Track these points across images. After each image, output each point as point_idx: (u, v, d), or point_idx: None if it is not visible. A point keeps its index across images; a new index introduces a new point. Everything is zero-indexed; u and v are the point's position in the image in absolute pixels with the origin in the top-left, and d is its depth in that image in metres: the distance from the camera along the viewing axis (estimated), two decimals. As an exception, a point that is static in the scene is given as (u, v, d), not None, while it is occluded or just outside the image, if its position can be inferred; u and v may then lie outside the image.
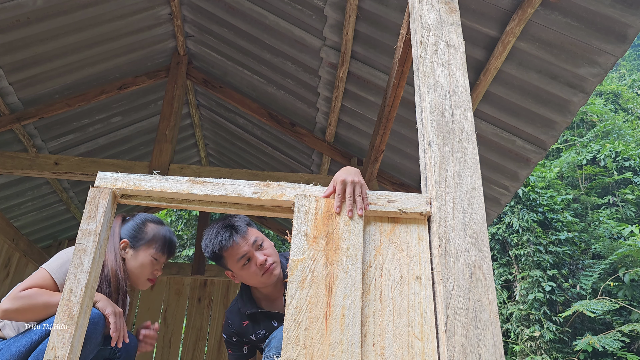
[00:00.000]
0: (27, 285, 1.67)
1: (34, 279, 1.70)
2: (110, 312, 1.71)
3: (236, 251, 1.88)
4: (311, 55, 3.93)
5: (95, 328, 1.65)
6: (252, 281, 1.92)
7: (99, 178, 1.47)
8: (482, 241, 1.36)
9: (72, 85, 4.36)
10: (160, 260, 1.99)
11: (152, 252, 1.94)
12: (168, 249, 2.00)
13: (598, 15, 2.62)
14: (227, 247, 1.88)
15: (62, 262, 1.76)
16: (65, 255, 1.79)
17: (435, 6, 1.77)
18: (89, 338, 1.63)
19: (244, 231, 1.91)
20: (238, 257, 1.88)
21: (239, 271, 1.91)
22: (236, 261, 1.88)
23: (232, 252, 1.88)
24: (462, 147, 1.51)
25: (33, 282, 1.68)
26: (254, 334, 2.02)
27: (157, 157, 4.16)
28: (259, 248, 1.93)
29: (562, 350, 8.21)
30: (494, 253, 9.62)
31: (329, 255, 1.38)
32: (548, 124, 3.25)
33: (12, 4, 3.40)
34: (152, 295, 5.58)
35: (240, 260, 1.88)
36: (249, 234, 1.92)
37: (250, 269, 1.88)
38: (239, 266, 1.89)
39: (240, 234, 1.90)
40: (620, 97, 14.66)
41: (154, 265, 1.96)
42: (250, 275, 1.89)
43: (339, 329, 1.26)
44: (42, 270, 1.73)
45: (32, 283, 1.68)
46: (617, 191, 10.83)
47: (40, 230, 5.83)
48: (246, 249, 1.89)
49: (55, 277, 1.72)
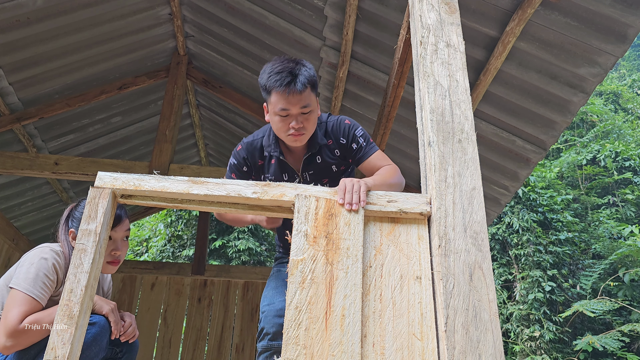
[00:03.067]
0: (19, 316, 1.61)
1: (21, 307, 1.62)
2: (108, 311, 1.72)
3: (283, 100, 1.72)
4: (311, 55, 3.93)
5: (102, 332, 1.67)
6: (276, 130, 1.81)
7: (99, 178, 1.47)
8: (482, 241, 1.36)
9: (72, 85, 4.36)
10: (115, 237, 1.84)
11: None
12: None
13: (598, 15, 2.62)
14: (278, 90, 1.72)
15: (34, 275, 1.68)
16: (34, 268, 1.70)
17: (435, 6, 1.77)
18: (95, 341, 1.64)
19: (301, 88, 1.72)
20: (281, 106, 1.74)
21: (273, 115, 1.78)
22: (277, 108, 1.74)
23: (279, 97, 1.73)
24: (462, 147, 1.51)
25: (22, 310, 1.62)
26: (264, 175, 1.95)
27: (157, 157, 4.16)
28: (304, 113, 1.78)
29: (562, 350, 8.21)
30: (494, 253, 9.62)
31: (329, 256, 1.38)
32: (548, 124, 3.25)
33: (12, 4, 3.40)
34: (152, 296, 5.58)
35: (281, 111, 1.74)
36: (304, 95, 1.74)
37: (283, 122, 1.76)
38: (276, 112, 1.76)
39: (298, 89, 1.71)
40: (620, 97, 14.66)
41: (108, 246, 1.81)
42: (279, 126, 1.78)
43: (339, 329, 1.26)
44: (19, 294, 1.65)
45: (22, 311, 1.61)
46: (617, 191, 10.83)
47: (40, 230, 5.83)
48: (292, 108, 1.74)
49: (36, 295, 1.66)
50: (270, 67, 1.76)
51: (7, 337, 1.59)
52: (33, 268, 1.70)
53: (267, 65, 1.78)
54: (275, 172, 1.92)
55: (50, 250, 1.75)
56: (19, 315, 1.61)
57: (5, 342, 1.59)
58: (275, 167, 1.92)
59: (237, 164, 1.95)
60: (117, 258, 1.86)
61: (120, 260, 1.88)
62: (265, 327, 1.88)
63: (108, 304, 1.75)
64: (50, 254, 1.73)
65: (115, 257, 1.85)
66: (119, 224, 1.86)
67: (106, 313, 1.72)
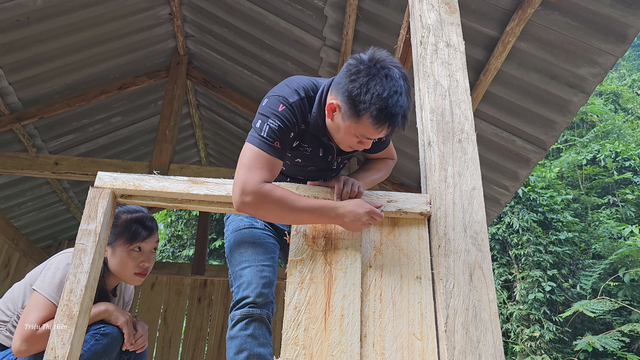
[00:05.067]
0: (38, 321, 1.59)
1: (41, 312, 1.61)
2: (123, 323, 1.71)
3: (375, 132, 1.44)
4: (311, 55, 3.93)
5: (113, 343, 1.67)
6: (338, 137, 1.54)
7: (99, 178, 1.47)
8: (482, 241, 1.36)
9: (72, 85, 4.36)
10: (144, 248, 1.81)
11: (127, 244, 1.78)
12: (140, 232, 1.79)
13: (598, 15, 2.61)
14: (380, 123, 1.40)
15: (59, 281, 1.66)
16: (60, 274, 1.68)
17: (435, 6, 1.77)
18: (105, 352, 1.64)
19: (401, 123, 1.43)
20: (366, 135, 1.46)
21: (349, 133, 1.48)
22: (360, 132, 1.46)
23: (373, 128, 1.42)
24: (462, 147, 1.51)
25: (41, 316, 1.61)
26: (301, 143, 1.66)
27: (157, 157, 4.16)
28: (377, 140, 1.61)
29: (562, 350, 8.20)
30: (494, 253, 9.61)
31: (328, 256, 1.38)
32: (548, 124, 3.25)
33: (12, 4, 3.40)
34: (152, 296, 5.58)
35: (361, 136, 1.48)
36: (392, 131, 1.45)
37: (354, 142, 1.52)
38: (355, 133, 1.47)
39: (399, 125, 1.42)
40: (620, 97, 14.66)
41: (137, 257, 1.79)
42: (346, 140, 1.52)
43: (338, 329, 1.26)
44: (41, 298, 1.64)
45: (41, 316, 1.61)
46: (617, 191, 10.83)
47: (40, 230, 5.83)
48: (375, 137, 1.48)
49: (57, 302, 1.63)
50: (381, 89, 1.38)
51: (22, 340, 1.58)
52: (59, 273, 1.68)
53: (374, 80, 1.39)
54: (312, 145, 1.67)
55: None
56: (37, 320, 1.60)
57: (20, 346, 1.58)
58: (313, 140, 1.66)
59: (288, 127, 1.50)
60: (145, 270, 1.83)
61: (147, 272, 1.85)
62: (249, 295, 1.56)
63: (124, 315, 1.73)
64: None
65: (143, 269, 1.82)
66: (150, 236, 1.83)
67: (121, 324, 1.71)
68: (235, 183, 1.41)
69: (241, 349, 1.51)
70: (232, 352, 1.52)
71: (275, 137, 1.47)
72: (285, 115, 1.50)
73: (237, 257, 1.68)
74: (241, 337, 1.52)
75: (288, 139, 1.52)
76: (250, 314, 1.53)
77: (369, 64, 1.44)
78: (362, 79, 1.40)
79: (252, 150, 1.46)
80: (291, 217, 1.41)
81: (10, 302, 1.76)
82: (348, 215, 1.39)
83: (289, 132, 1.52)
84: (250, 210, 1.41)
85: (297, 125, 1.56)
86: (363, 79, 1.40)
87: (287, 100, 1.53)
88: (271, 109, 1.51)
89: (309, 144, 1.66)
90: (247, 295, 1.56)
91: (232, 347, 1.53)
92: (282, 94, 1.54)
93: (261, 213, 1.41)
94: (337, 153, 1.74)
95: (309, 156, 1.69)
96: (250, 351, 1.49)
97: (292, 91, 1.56)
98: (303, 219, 1.42)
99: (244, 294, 1.57)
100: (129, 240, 1.78)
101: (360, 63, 1.45)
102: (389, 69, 1.43)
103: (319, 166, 1.73)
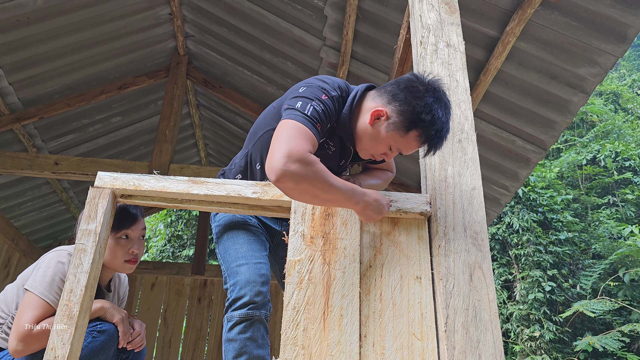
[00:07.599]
0: (33, 320, 1.59)
1: (35, 311, 1.61)
2: (118, 320, 1.71)
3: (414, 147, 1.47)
4: (311, 55, 3.93)
5: (110, 341, 1.66)
6: (367, 140, 1.53)
7: (99, 178, 1.47)
8: (482, 241, 1.36)
9: (72, 85, 4.37)
10: (132, 235, 1.83)
11: (113, 233, 1.79)
12: (123, 220, 1.80)
13: (598, 15, 2.62)
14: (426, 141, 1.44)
15: (50, 279, 1.67)
16: (51, 272, 1.68)
17: (435, 6, 1.77)
18: (102, 350, 1.64)
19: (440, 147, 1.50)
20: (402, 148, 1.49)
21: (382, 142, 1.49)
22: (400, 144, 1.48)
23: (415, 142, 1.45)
24: (462, 147, 1.51)
25: (36, 315, 1.61)
26: (327, 140, 1.65)
27: (157, 157, 4.16)
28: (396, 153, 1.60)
29: (562, 350, 8.20)
30: (494, 253, 9.61)
31: (327, 256, 1.38)
32: (548, 124, 3.25)
33: (12, 4, 3.40)
34: (152, 295, 5.58)
35: (395, 149, 1.50)
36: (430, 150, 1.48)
37: (384, 151, 1.52)
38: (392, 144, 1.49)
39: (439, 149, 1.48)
40: (620, 97, 14.65)
41: (125, 244, 1.81)
42: (376, 148, 1.53)
43: (337, 329, 1.26)
44: (34, 297, 1.64)
45: (36, 315, 1.60)
46: (617, 191, 10.82)
47: (40, 230, 5.83)
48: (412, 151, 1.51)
49: (50, 300, 1.65)
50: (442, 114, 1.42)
51: (18, 340, 1.58)
52: (50, 271, 1.69)
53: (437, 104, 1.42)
54: (336, 144, 1.66)
55: (68, 254, 1.73)
56: (32, 319, 1.60)
57: (17, 346, 1.58)
58: (337, 140, 1.65)
59: (328, 116, 1.47)
60: (134, 256, 1.85)
61: (138, 259, 1.87)
62: (248, 294, 1.53)
63: (119, 313, 1.74)
64: (67, 258, 1.72)
65: (133, 256, 1.84)
66: (135, 223, 1.85)
67: (116, 322, 1.71)
68: (277, 151, 1.24)
69: (241, 352, 1.50)
70: (230, 355, 1.51)
71: (318, 118, 1.40)
72: (328, 105, 1.46)
73: (232, 253, 1.65)
74: (240, 340, 1.50)
75: (326, 127, 1.47)
76: (249, 316, 1.51)
77: (430, 87, 1.45)
78: (428, 99, 1.41)
79: (295, 124, 1.34)
80: (326, 194, 1.31)
81: (4, 304, 1.75)
82: (373, 204, 1.37)
83: (328, 121, 1.46)
84: (291, 182, 1.24)
85: (333, 119, 1.52)
86: (429, 99, 1.41)
87: (329, 93, 1.49)
88: (315, 95, 1.46)
89: (334, 143, 1.64)
90: (245, 294, 1.53)
91: (231, 350, 1.51)
92: (322, 86, 1.51)
93: (303, 186, 1.24)
94: (352, 158, 1.74)
95: (330, 155, 1.66)
96: (249, 355, 1.49)
97: (332, 86, 1.53)
98: (334, 200, 1.34)
99: (241, 292, 1.54)
100: (115, 228, 1.79)
101: (421, 84, 1.45)
102: (446, 98, 1.47)
103: (330, 167, 1.69)
